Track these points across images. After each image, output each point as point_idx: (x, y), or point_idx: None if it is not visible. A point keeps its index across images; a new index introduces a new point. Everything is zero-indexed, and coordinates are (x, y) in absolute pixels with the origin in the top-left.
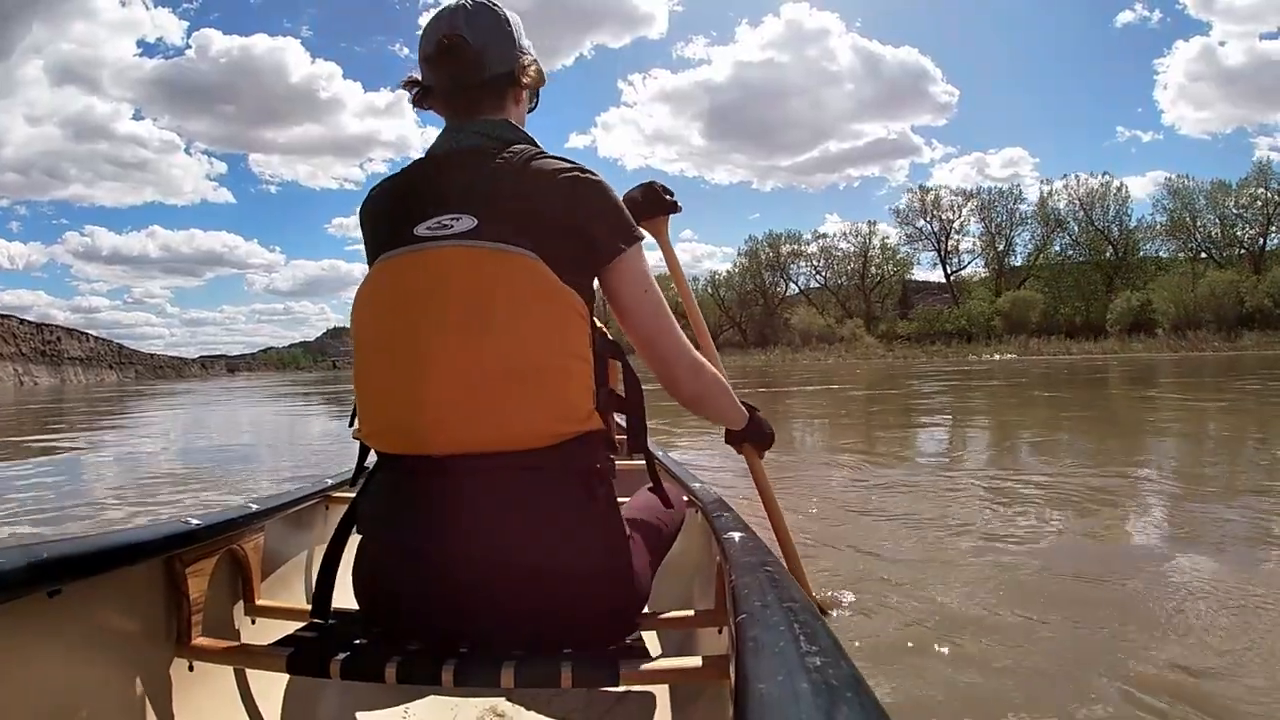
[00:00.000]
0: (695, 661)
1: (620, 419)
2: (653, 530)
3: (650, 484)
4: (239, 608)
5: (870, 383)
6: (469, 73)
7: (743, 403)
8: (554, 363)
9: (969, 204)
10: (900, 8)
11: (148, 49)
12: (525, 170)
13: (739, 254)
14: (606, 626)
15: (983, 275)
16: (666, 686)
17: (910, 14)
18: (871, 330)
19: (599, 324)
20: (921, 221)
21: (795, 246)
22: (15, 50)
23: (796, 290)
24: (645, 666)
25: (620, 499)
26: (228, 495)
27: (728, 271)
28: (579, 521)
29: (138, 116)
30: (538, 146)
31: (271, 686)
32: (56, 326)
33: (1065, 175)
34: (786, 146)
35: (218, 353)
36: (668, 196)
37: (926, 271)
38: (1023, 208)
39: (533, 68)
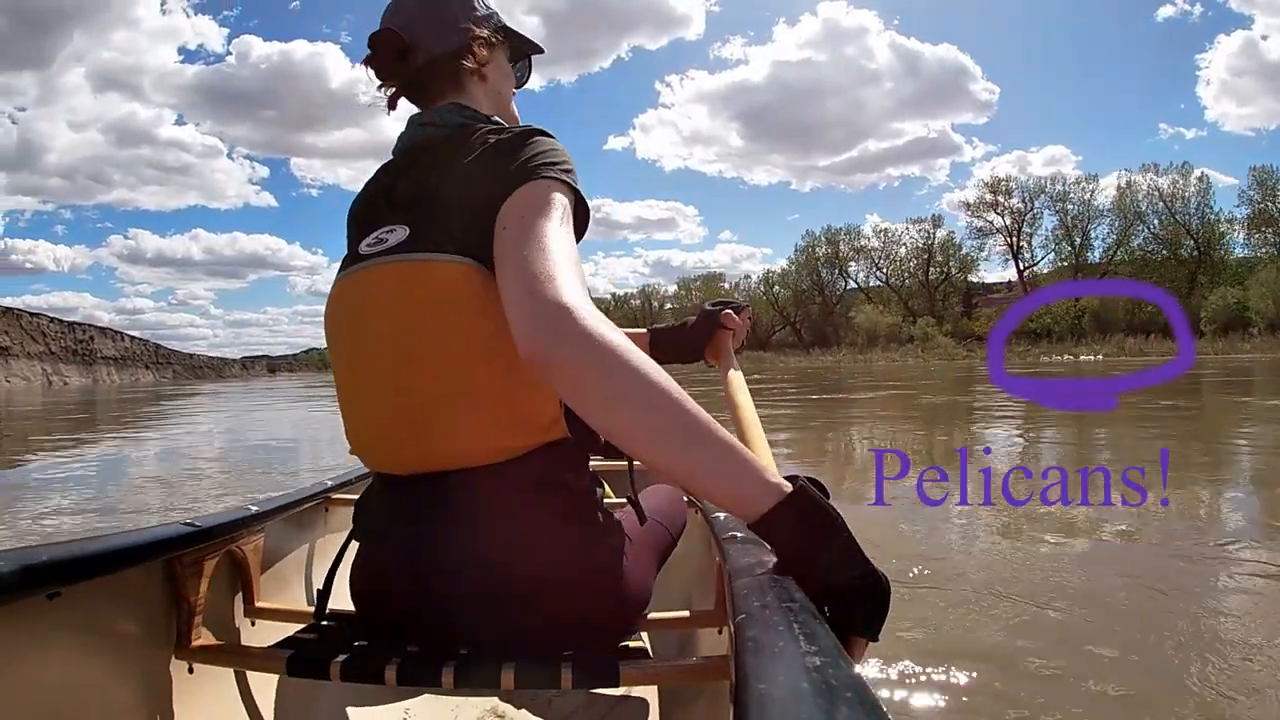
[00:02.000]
0: (695, 662)
1: None
2: (653, 532)
3: (656, 485)
4: (239, 609)
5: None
6: (395, 66)
7: (800, 477)
8: (498, 375)
9: (1041, 196)
10: (939, 5)
11: (189, 56)
12: (456, 157)
13: (795, 250)
14: (606, 628)
15: (1052, 272)
16: (667, 687)
17: (949, 11)
18: (939, 329)
19: None
20: (993, 215)
21: (855, 242)
22: (57, 59)
23: (855, 287)
24: (645, 667)
25: (619, 499)
26: None
27: (782, 268)
28: (557, 529)
29: (180, 122)
30: (492, 122)
31: (271, 688)
32: (89, 325)
33: (1145, 165)
34: (825, 146)
35: (260, 353)
36: (711, 308)
37: (993, 269)
38: (1098, 201)
39: (488, 41)
